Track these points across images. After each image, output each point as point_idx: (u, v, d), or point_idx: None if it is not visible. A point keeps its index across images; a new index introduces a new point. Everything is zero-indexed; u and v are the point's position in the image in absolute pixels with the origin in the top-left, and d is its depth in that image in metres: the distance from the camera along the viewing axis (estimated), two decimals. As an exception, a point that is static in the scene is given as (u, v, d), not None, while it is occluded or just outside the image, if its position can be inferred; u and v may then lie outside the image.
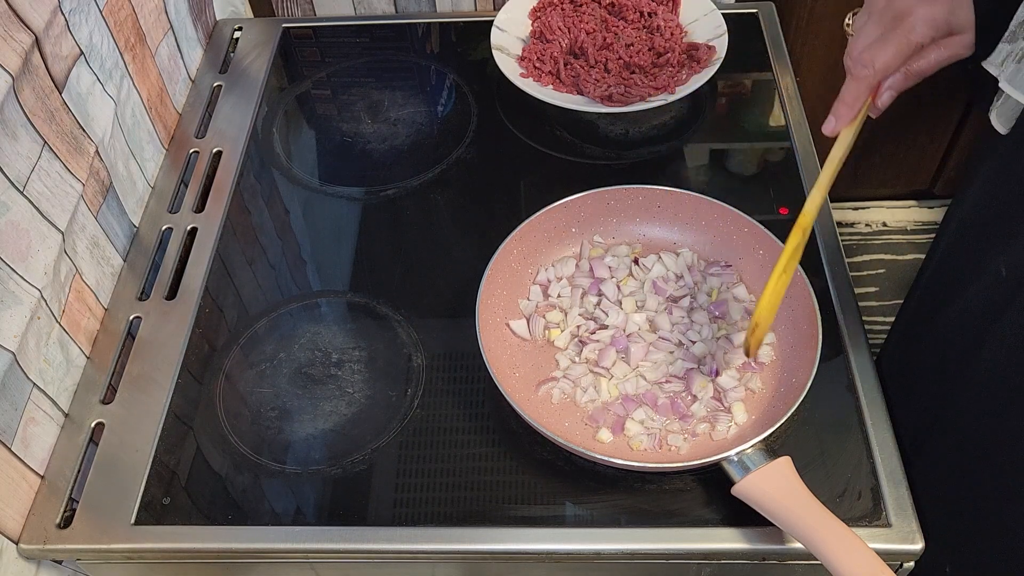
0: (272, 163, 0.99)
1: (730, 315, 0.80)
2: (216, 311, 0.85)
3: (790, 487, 0.65)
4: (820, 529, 0.61)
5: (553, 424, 0.74)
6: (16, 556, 0.71)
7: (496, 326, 0.78)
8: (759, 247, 0.81)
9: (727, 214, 0.82)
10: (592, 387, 0.76)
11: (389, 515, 0.71)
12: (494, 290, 0.79)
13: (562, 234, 0.85)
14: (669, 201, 0.84)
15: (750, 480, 0.66)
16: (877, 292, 1.71)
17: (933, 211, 1.81)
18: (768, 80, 1.03)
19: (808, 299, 0.75)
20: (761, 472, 0.66)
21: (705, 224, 0.84)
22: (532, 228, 0.82)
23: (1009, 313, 0.64)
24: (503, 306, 0.80)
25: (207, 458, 0.75)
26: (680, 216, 0.85)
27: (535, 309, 0.81)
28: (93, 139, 0.82)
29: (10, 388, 0.70)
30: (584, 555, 0.69)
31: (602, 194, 0.84)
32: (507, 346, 0.78)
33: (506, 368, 0.76)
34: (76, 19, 0.80)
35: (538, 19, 1.07)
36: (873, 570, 0.59)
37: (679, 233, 0.85)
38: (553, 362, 0.78)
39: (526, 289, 0.82)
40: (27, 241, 0.72)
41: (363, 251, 0.90)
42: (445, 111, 1.04)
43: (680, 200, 0.84)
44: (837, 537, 0.61)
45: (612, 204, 0.85)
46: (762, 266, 0.80)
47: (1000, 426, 0.68)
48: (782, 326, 0.77)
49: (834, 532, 0.61)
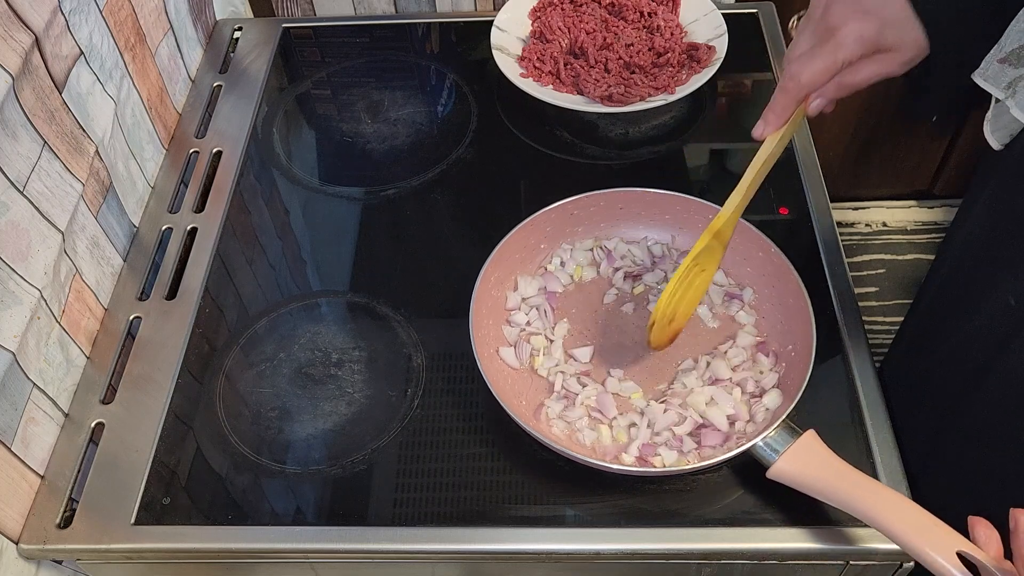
0: (272, 163, 0.99)
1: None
2: (216, 311, 0.85)
3: (823, 459, 0.66)
4: (863, 494, 0.62)
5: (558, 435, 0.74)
6: (16, 556, 0.71)
7: (491, 356, 0.78)
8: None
9: (689, 204, 0.83)
10: (589, 429, 0.74)
11: (389, 515, 0.71)
12: (482, 321, 0.77)
13: (533, 252, 0.84)
14: (631, 199, 0.84)
15: (783, 460, 0.66)
16: (877, 292, 1.71)
17: (933, 211, 1.81)
18: (768, 80, 1.03)
19: (789, 273, 0.76)
20: (792, 451, 0.66)
21: (670, 217, 0.84)
22: (506, 251, 0.80)
23: (1016, 343, 0.64)
24: (493, 335, 0.79)
25: (207, 458, 0.75)
26: (644, 214, 0.85)
27: (519, 335, 0.80)
28: (93, 139, 0.82)
29: (10, 388, 0.70)
30: (584, 555, 0.69)
31: (564, 206, 0.83)
32: (504, 375, 0.77)
33: (511, 397, 0.75)
34: (76, 19, 0.80)
35: (538, 19, 1.07)
36: (922, 523, 0.59)
37: (645, 231, 0.86)
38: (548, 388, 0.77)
39: (506, 315, 0.82)
40: (27, 241, 0.72)
41: (363, 251, 0.90)
42: (445, 111, 1.04)
43: (642, 198, 0.84)
44: (881, 498, 0.62)
45: (576, 214, 0.84)
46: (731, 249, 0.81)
47: (1005, 454, 0.68)
48: (767, 304, 0.79)
49: (877, 494, 0.62)
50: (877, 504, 0.61)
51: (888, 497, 0.62)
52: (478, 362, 0.73)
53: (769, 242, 0.78)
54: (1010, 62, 0.61)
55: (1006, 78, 0.62)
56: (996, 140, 0.67)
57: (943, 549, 0.57)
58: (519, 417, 0.69)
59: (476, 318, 0.76)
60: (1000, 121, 0.66)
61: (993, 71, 0.63)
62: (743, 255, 0.81)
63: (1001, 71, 0.62)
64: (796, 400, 0.69)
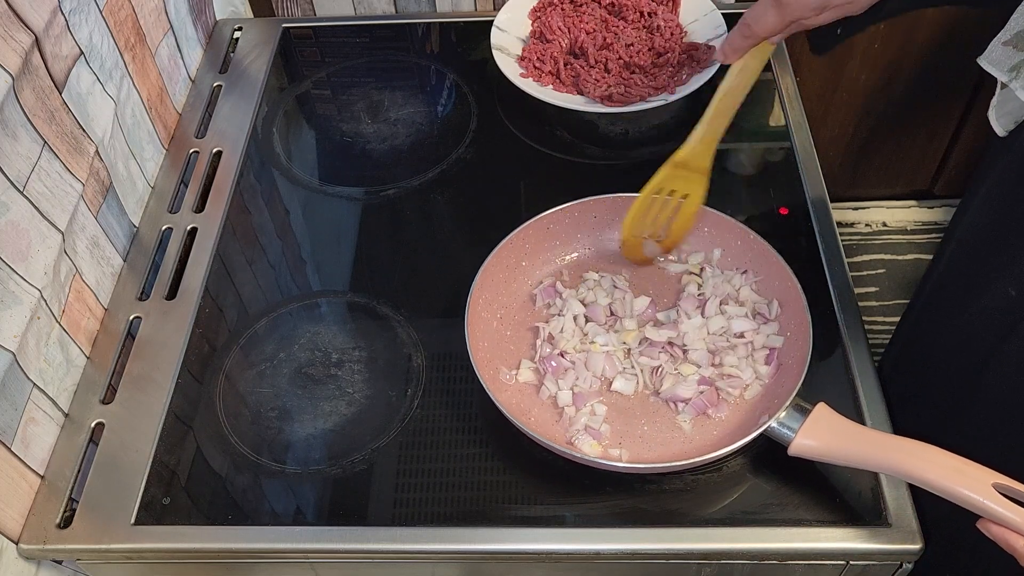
0: (272, 163, 0.99)
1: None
2: (216, 311, 0.85)
3: (841, 426, 0.67)
4: (888, 451, 0.64)
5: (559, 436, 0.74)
6: (16, 556, 0.71)
7: (491, 372, 0.77)
8: (703, 226, 0.83)
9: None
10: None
11: (389, 515, 0.71)
12: (481, 354, 0.77)
13: (516, 271, 0.83)
14: (602, 207, 0.84)
15: (802, 436, 0.67)
16: (877, 292, 1.71)
17: (933, 211, 1.80)
18: (768, 80, 1.03)
19: (777, 263, 0.77)
20: (808, 426, 0.67)
21: None
22: (489, 275, 0.80)
23: (1016, 335, 0.64)
24: (499, 358, 0.79)
25: (207, 458, 0.75)
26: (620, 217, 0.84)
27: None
28: (93, 139, 0.82)
29: (10, 388, 0.70)
30: (584, 555, 0.69)
31: (540, 220, 0.82)
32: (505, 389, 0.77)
33: (517, 411, 0.75)
34: (76, 19, 0.80)
35: (538, 19, 1.07)
36: (953, 465, 0.60)
37: None
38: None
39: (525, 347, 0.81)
40: (27, 241, 0.72)
41: (363, 251, 0.90)
42: (445, 111, 1.04)
43: (614, 203, 0.83)
44: (907, 451, 0.63)
45: (551, 228, 0.83)
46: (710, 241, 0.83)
47: (1003, 450, 0.68)
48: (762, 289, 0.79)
49: (902, 447, 0.63)
50: (905, 456, 0.62)
51: (914, 448, 0.63)
52: (474, 366, 0.73)
53: (747, 229, 0.79)
54: (1014, 44, 0.61)
55: (1010, 61, 0.61)
56: (1000, 126, 0.67)
57: (979, 485, 0.59)
58: (526, 426, 0.69)
59: (472, 318, 0.76)
60: (1005, 107, 0.66)
61: (997, 54, 0.62)
62: (722, 245, 0.82)
63: (1005, 54, 0.62)
64: (802, 378, 0.69)
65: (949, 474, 0.60)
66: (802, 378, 0.69)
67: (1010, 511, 0.57)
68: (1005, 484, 0.58)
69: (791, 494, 0.70)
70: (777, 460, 0.69)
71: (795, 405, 0.69)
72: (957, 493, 0.59)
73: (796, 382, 0.69)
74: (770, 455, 0.70)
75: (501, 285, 0.82)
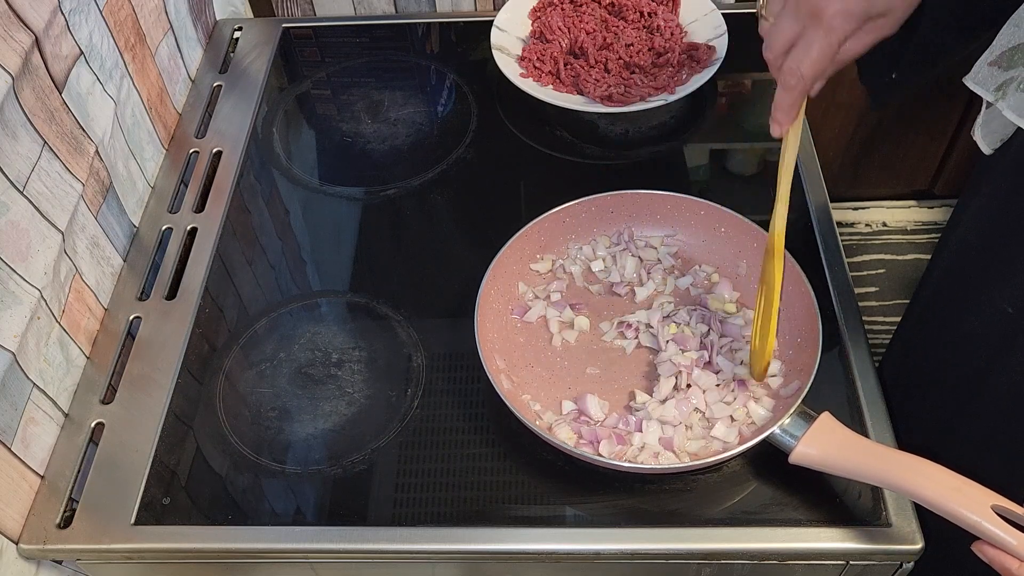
0: (272, 163, 0.99)
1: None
2: (216, 311, 0.85)
3: (843, 436, 0.66)
4: (888, 465, 0.63)
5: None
6: (16, 556, 0.71)
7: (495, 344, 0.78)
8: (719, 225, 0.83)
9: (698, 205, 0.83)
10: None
11: (389, 515, 0.71)
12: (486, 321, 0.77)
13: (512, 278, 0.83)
14: (644, 202, 0.84)
15: (804, 443, 0.66)
16: (877, 292, 1.71)
17: (933, 211, 1.81)
18: (768, 80, 1.03)
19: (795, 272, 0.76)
20: (811, 433, 0.66)
21: (695, 222, 0.84)
22: (511, 250, 0.80)
23: (1016, 350, 0.65)
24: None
25: (207, 458, 0.75)
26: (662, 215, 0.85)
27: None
28: (93, 139, 0.82)
29: (10, 388, 0.70)
30: (584, 555, 0.69)
31: (558, 213, 0.83)
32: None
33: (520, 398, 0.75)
34: (76, 19, 0.80)
35: (538, 19, 1.07)
36: (953, 484, 0.60)
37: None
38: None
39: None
40: (27, 241, 0.72)
41: (363, 251, 0.90)
42: (445, 111, 1.04)
43: (664, 199, 0.84)
44: (907, 466, 0.62)
45: (568, 221, 0.84)
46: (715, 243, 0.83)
47: (1008, 447, 0.68)
48: None
49: (902, 463, 0.63)
50: (905, 472, 0.62)
51: (914, 464, 0.62)
52: (481, 355, 0.73)
53: (762, 230, 0.79)
54: (1000, 65, 0.61)
55: (996, 81, 0.62)
56: (987, 145, 0.67)
57: (978, 506, 0.58)
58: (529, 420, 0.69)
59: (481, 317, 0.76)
60: (991, 125, 0.66)
61: (983, 74, 0.63)
62: (737, 248, 0.82)
63: (991, 74, 0.62)
64: (809, 385, 0.69)
65: (948, 493, 0.59)
66: (808, 387, 0.69)
67: (1008, 534, 0.56)
68: (1004, 506, 0.58)
69: (791, 494, 0.70)
70: (777, 461, 0.69)
71: (800, 412, 0.68)
72: (955, 513, 0.58)
73: (802, 390, 0.69)
74: (770, 456, 0.70)
75: (513, 278, 0.82)
